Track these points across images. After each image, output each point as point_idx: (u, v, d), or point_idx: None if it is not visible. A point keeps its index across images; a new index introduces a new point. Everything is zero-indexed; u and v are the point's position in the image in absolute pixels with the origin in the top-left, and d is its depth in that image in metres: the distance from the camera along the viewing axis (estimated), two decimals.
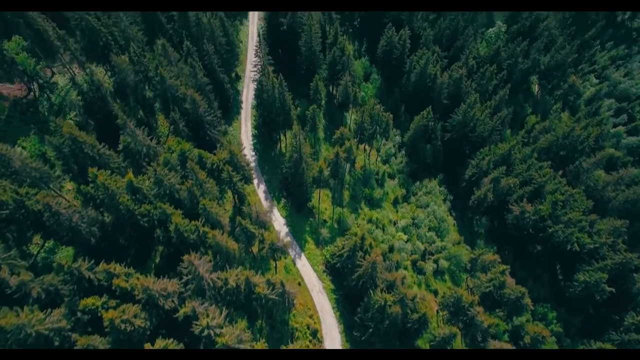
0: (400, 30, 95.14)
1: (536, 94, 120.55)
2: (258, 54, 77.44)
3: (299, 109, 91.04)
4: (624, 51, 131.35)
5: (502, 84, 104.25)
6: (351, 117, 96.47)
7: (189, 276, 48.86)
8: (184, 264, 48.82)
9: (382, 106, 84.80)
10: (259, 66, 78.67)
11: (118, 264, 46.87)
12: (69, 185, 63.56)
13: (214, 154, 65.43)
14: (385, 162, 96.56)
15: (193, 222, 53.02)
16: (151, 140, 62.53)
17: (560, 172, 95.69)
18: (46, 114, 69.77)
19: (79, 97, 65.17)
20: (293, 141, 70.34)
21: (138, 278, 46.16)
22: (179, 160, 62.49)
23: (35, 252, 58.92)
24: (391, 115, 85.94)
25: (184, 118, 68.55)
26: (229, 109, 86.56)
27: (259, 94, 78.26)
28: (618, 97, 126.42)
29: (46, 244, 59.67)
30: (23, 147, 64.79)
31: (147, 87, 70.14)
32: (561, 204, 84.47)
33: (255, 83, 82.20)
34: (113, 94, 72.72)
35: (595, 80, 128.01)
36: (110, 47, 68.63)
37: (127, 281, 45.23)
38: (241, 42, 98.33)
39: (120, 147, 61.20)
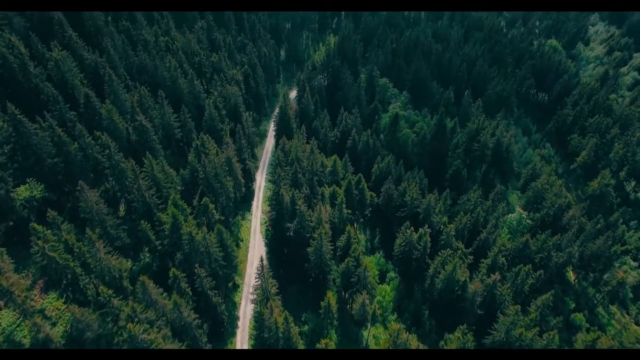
0: (419, 229, 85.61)
1: (574, 283, 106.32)
2: (260, 276, 64.95)
3: (306, 326, 75.11)
4: None
5: (538, 283, 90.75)
6: (369, 334, 79.62)
7: None
8: None
9: (409, 334, 68.61)
10: (259, 290, 65.45)
11: None
12: None
13: None
14: None
15: None
16: None
17: None
18: None
19: None
20: None
21: None
22: None
23: None
24: (420, 345, 69.21)
25: None
26: (222, 333, 70.33)
27: (259, 326, 63.14)
28: None
29: None
30: None
31: (116, 333, 55.22)
32: None
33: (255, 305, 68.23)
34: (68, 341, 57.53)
35: (633, 263, 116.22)
36: (77, 283, 56.12)
37: None
38: (242, 240, 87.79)
39: None
